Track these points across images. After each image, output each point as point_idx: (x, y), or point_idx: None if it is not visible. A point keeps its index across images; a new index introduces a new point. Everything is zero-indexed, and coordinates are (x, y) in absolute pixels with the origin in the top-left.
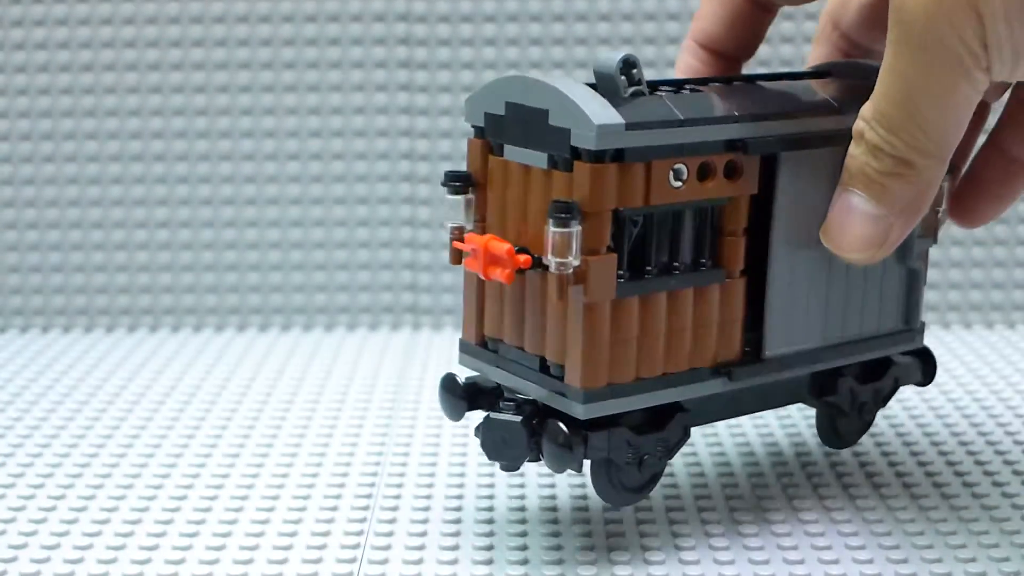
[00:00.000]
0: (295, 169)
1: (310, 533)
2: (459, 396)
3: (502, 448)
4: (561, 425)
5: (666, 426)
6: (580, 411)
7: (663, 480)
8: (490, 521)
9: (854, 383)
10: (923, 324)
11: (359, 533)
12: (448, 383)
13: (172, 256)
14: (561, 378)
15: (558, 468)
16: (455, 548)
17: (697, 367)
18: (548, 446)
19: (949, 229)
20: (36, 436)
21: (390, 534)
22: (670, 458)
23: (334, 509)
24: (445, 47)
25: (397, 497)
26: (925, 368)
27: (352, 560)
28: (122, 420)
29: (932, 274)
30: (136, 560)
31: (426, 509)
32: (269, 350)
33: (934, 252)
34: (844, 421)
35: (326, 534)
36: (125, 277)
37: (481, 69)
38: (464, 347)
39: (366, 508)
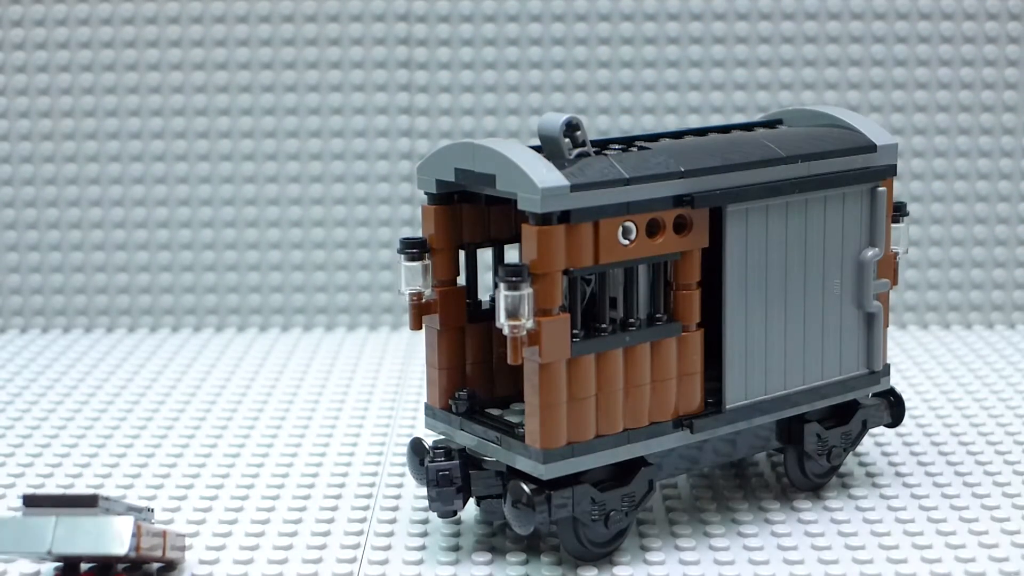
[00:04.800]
0: (295, 169)
1: (310, 533)
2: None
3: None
4: (523, 485)
5: (631, 480)
6: (541, 471)
7: (663, 480)
8: (491, 522)
9: (820, 428)
10: (887, 367)
11: (359, 533)
12: (415, 447)
13: (172, 256)
14: (522, 439)
15: (522, 528)
16: (455, 548)
17: (658, 421)
18: (511, 506)
19: (950, 229)
20: (36, 436)
21: (390, 534)
22: (637, 513)
23: (334, 509)
24: (445, 47)
25: (397, 497)
26: (893, 409)
27: (352, 560)
28: (122, 420)
29: (932, 274)
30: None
31: (426, 509)
32: (269, 350)
33: (935, 252)
34: (813, 464)
35: (326, 534)
36: (125, 277)
37: (481, 69)
38: (429, 411)
39: (366, 508)
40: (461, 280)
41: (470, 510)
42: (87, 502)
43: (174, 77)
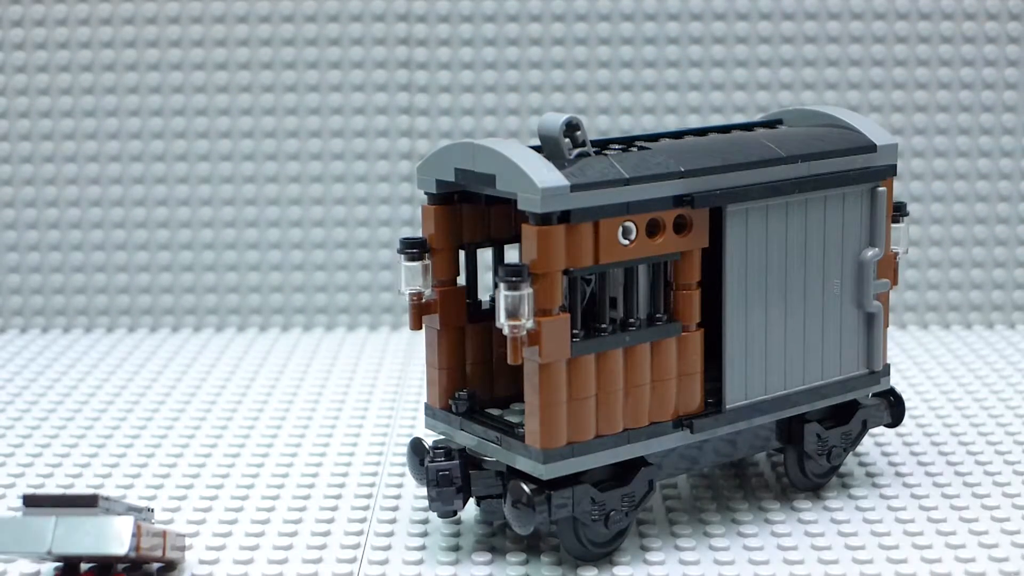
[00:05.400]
0: (295, 169)
1: (310, 533)
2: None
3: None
4: (523, 485)
5: (631, 480)
6: (541, 471)
7: (663, 480)
8: (491, 522)
9: (820, 428)
10: (887, 367)
11: (359, 533)
12: (415, 447)
13: (172, 256)
14: (522, 439)
15: (522, 528)
16: (456, 548)
17: (658, 421)
18: (511, 506)
19: (950, 229)
20: (36, 436)
21: (390, 534)
22: (637, 513)
23: (334, 509)
24: (445, 47)
25: (397, 497)
26: (893, 409)
27: (352, 560)
28: (122, 420)
29: (932, 274)
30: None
31: (426, 509)
32: (269, 350)
33: (935, 252)
34: (813, 464)
35: (326, 534)
36: (125, 277)
37: (481, 69)
38: (429, 411)
39: (366, 508)
40: (461, 280)
41: (470, 510)
42: (87, 502)
43: (174, 77)
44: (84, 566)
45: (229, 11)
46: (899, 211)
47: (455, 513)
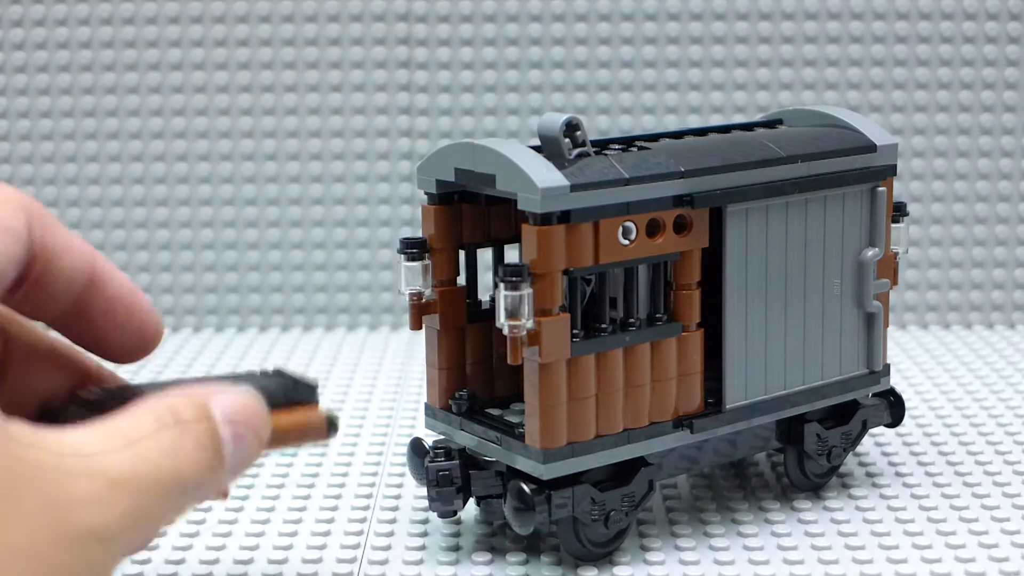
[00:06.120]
0: (295, 169)
1: (310, 533)
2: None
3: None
4: (523, 485)
5: (631, 480)
6: (541, 471)
7: (663, 480)
8: (491, 522)
9: (820, 428)
10: (887, 366)
11: (359, 533)
12: (415, 447)
13: (172, 256)
14: (522, 439)
15: (522, 528)
16: (455, 548)
17: (658, 421)
18: (511, 506)
19: (950, 229)
20: None
21: (390, 534)
22: (637, 513)
23: (334, 509)
24: (445, 47)
25: (397, 497)
26: (893, 409)
27: (352, 560)
28: None
29: (932, 274)
30: (137, 560)
31: (426, 509)
32: (269, 350)
33: (935, 252)
34: (813, 464)
35: (326, 534)
36: None
37: (481, 69)
38: (429, 411)
39: (366, 508)
40: (461, 280)
41: (470, 510)
42: None
43: (174, 77)
44: None
45: (229, 11)
46: (899, 211)
47: (455, 513)
